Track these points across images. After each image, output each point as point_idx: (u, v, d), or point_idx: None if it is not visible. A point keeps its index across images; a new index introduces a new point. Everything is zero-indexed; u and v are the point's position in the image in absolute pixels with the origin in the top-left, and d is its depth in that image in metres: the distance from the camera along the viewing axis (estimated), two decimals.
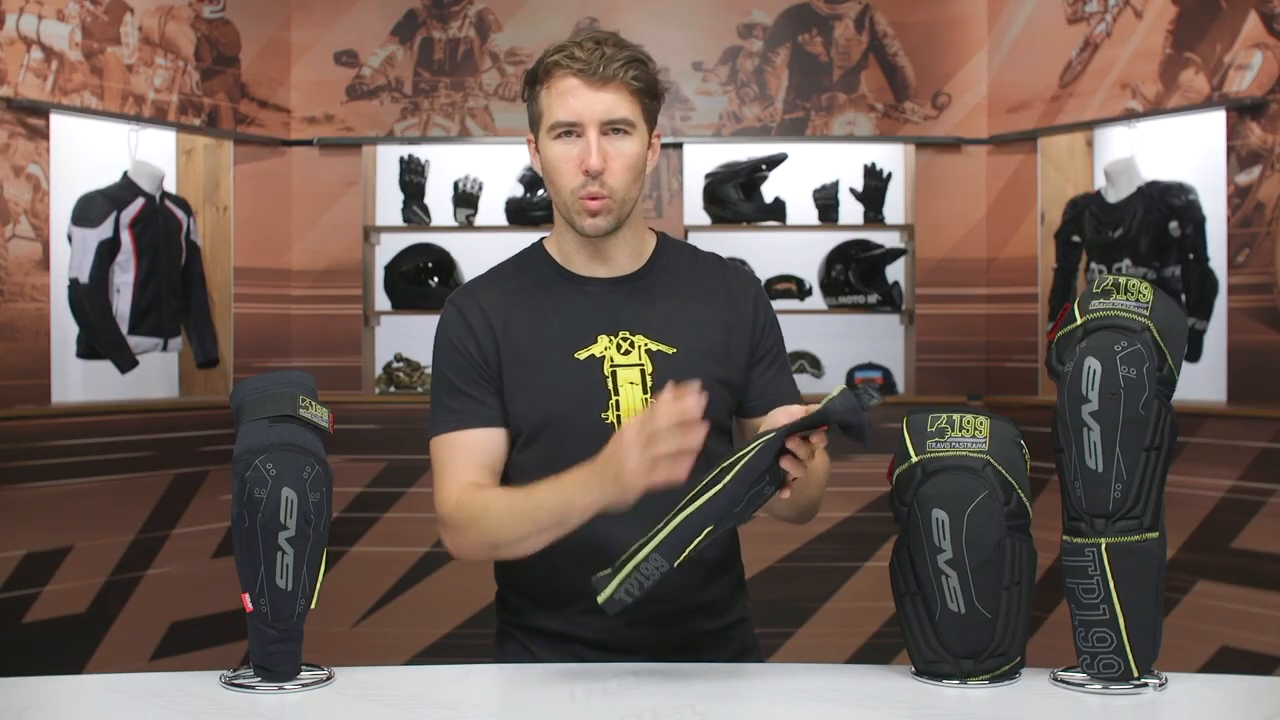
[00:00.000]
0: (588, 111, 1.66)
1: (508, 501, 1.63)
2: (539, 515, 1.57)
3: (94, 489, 4.05)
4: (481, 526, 1.64)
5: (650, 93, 1.71)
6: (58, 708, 1.52)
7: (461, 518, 1.66)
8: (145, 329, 4.11)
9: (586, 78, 1.65)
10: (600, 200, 1.68)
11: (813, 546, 4.50)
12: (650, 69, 1.71)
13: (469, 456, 1.71)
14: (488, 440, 1.72)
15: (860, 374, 4.66)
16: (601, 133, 1.67)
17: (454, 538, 1.69)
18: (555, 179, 1.71)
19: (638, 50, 1.70)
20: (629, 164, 1.68)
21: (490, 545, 1.65)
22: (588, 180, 1.67)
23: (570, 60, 1.66)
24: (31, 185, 3.90)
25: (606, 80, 1.65)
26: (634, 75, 1.67)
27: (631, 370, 1.71)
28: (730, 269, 1.86)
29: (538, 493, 1.58)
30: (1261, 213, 3.83)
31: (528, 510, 1.59)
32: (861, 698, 1.51)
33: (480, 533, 1.65)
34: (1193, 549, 3.90)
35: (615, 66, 1.65)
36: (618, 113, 1.67)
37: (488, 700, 1.56)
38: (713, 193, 4.62)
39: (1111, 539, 1.51)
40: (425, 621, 4.53)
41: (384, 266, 4.70)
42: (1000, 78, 4.64)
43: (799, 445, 1.47)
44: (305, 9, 4.70)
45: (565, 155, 1.68)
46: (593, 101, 1.66)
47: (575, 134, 1.67)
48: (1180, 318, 1.58)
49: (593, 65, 1.65)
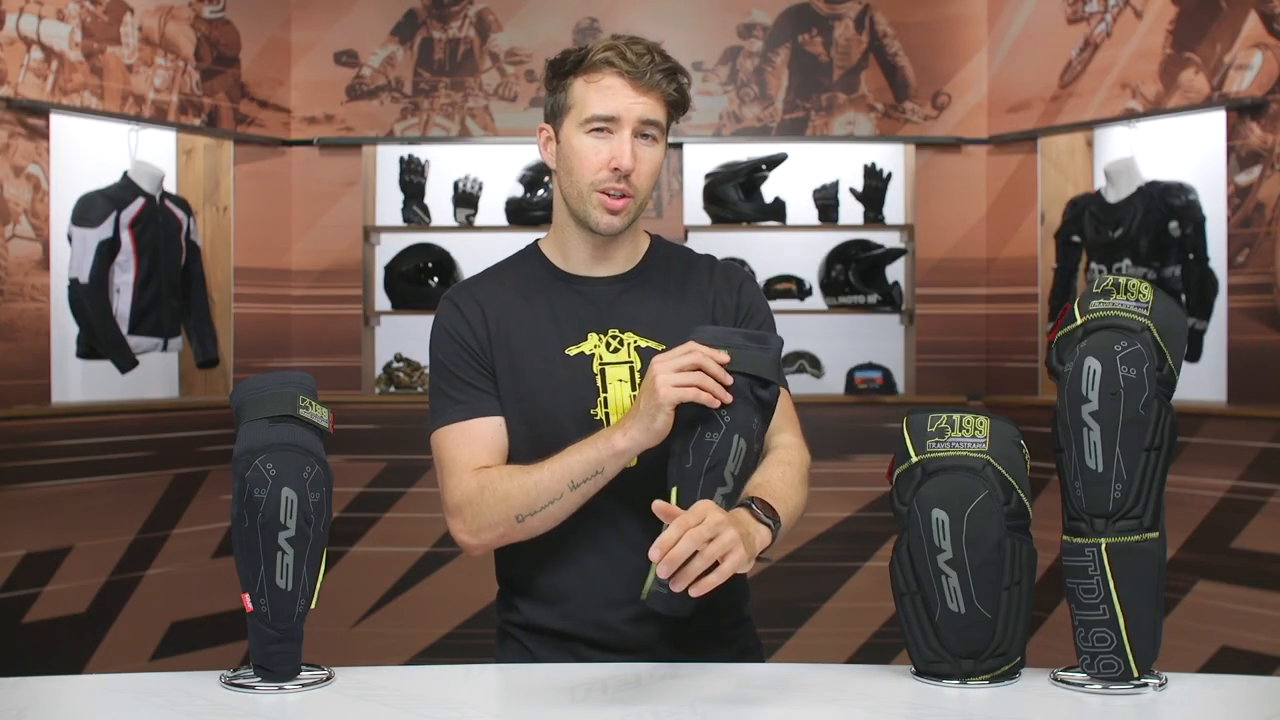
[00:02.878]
0: (627, 111, 1.69)
1: (533, 468, 1.64)
2: (570, 470, 1.60)
3: (94, 489, 4.05)
4: (508, 499, 1.64)
5: (680, 107, 1.76)
6: (57, 708, 1.52)
7: (483, 497, 1.66)
8: (145, 329, 4.11)
9: (633, 79, 1.69)
10: (624, 200, 1.71)
11: (813, 546, 4.50)
12: (686, 84, 1.75)
13: (479, 444, 1.71)
14: (495, 429, 1.73)
15: (860, 374, 4.66)
16: (634, 134, 1.70)
17: (470, 521, 1.68)
18: (577, 169, 1.72)
19: (678, 64, 1.74)
20: (653, 169, 1.73)
21: (517, 518, 1.64)
22: (614, 177, 1.69)
23: (620, 59, 1.69)
24: (31, 185, 3.90)
25: (650, 86, 1.69)
26: (675, 89, 1.72)
27: (620, 368, 1.73)
28: (720, 266, 1.88)
29: (568, 451, 1.62)
30: (1261, 213, 3.83)
31: (558, 470, 1.61)
32: (861, 698, 1.51)
33: (507, 507, 1.64)
34: (1193, 549, 3.90)
35: (659, 76, 1.70)
36: (653, 116, 1.71)
37: (488, 700, 1.56)
38: (713, 193, 4.62)
39: (1111, 539, 1.51)
40: (425, 621, 4.53)
41: (384, 266, 4.70)
42: (1000, 78, 4.64)
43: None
44: (305, 9, 4.70)
45: (595, 148, 1.70)
46: (633, 102, 1.69)
47: (609, 130, 1.70)
48: (1180, 318, 1.58)
49: (640, 69, 1.68)
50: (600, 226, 1.72)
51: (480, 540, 1.69)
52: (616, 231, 1.73)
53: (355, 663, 1.67)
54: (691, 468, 1.53)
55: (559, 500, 1.62)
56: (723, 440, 1.52)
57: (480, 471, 1.68)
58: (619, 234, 1.75)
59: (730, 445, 1.52)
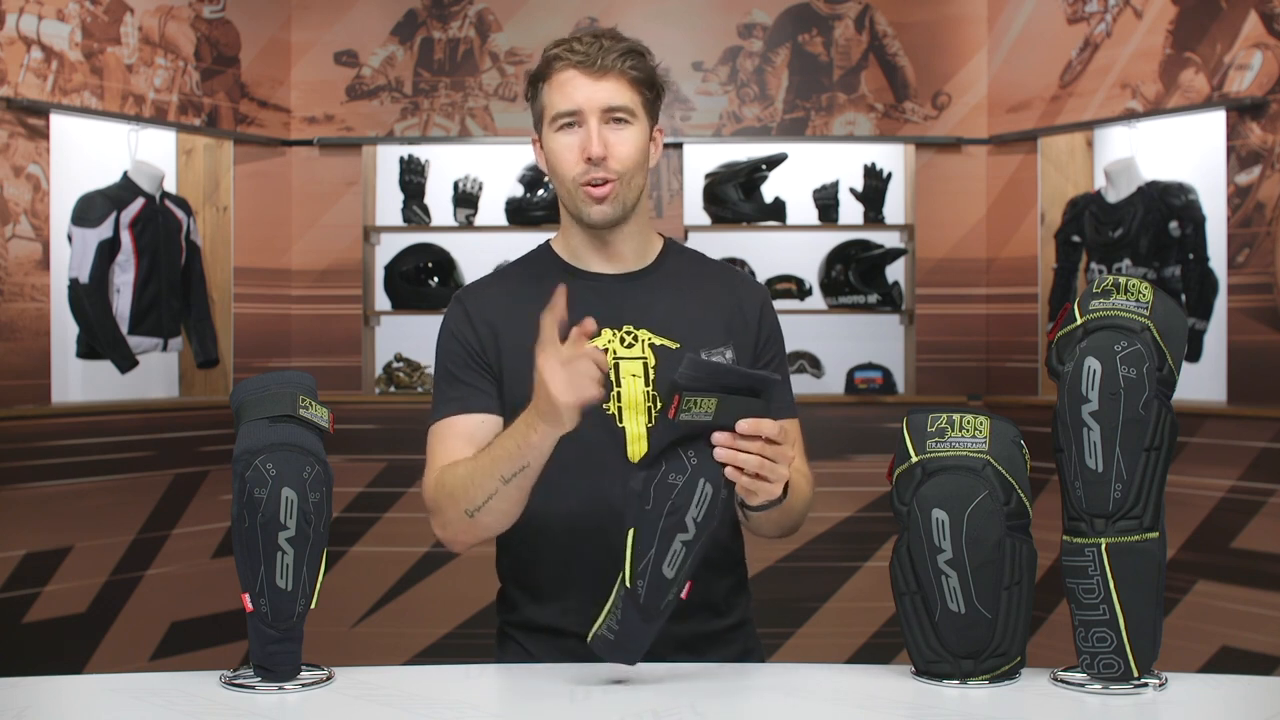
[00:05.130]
0: (587, 101, 1.68)
1: (470, 463, 1.63)
2: (498, 465, 1.57)
3: (94, 489, 4.06)
4: (454, 495, 1.63)
5: (649, 84, 1.73)
6: (57, 708, 1.52)
7: (440, 495, 1.66)
8: (145, 329, 4.11)
9: (585, 69, 1.68)
10: (606, 185, 1.69)
11: (813, 546, 4.50)
12: (648, 60, 1.73)
13: (457, 438, 1.71)
14: (479, 424, 1.72)
15: (860, 374, 4.66)
16: (602, 121, 1.69)
17: (438, 519, 1.68)
18: (558, 169, 1.72)
19: (635, 43, 1.73)
20: (631, 150, 1.70)
21: (466, 514, 1.62)
22: (590, 168, 1.69)
23: (569, 53, 1.69)
24: (31, 185, 3.90)
25: (605, 70, 1.68)
26: (631, 65, 1.70)
27: (634, 363, 1.72)
28: (739, 276, 1.88)
29: (493, 445, 1.60)
30: (1261, 213, 3.83)
31: (487, 465, 1.59)
32: (861, 698, 1.50)
33: (455, 503, 1.63)
34: (1193, 549, 3.90)
35: (613, 57, 1.68)
36: (617, 100, 1.69)
37: (488, 700, 1.56)
38: (713, 193, 4.62)
39: (1111, 539, 1.51)
40: (425, 621, 4.53)
41: (384, 266, 4.70)
42: (1000, 78, 4.64)
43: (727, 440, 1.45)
44: (305, 9, 4.70)
45: (567, 144, 1.70)
46: (592, 91, 1.68)
47: (576, 124, 1.70)
48: (1180, 318, 1.58)
49: (591, 56, 1.68)
50: (593, 218, 1.72)
51: (451, 536, 1.68)
52: (609, 220, 1.72)
53: (355, 663, 1.67)
54: (652, 510, 1.46)
55: (495, 496, 1.58)
56: (687, 483, 1.45)
57: (444, 467, 1.68)
58: (617, 223, 1.74)
59: (695, 489, 1.45)
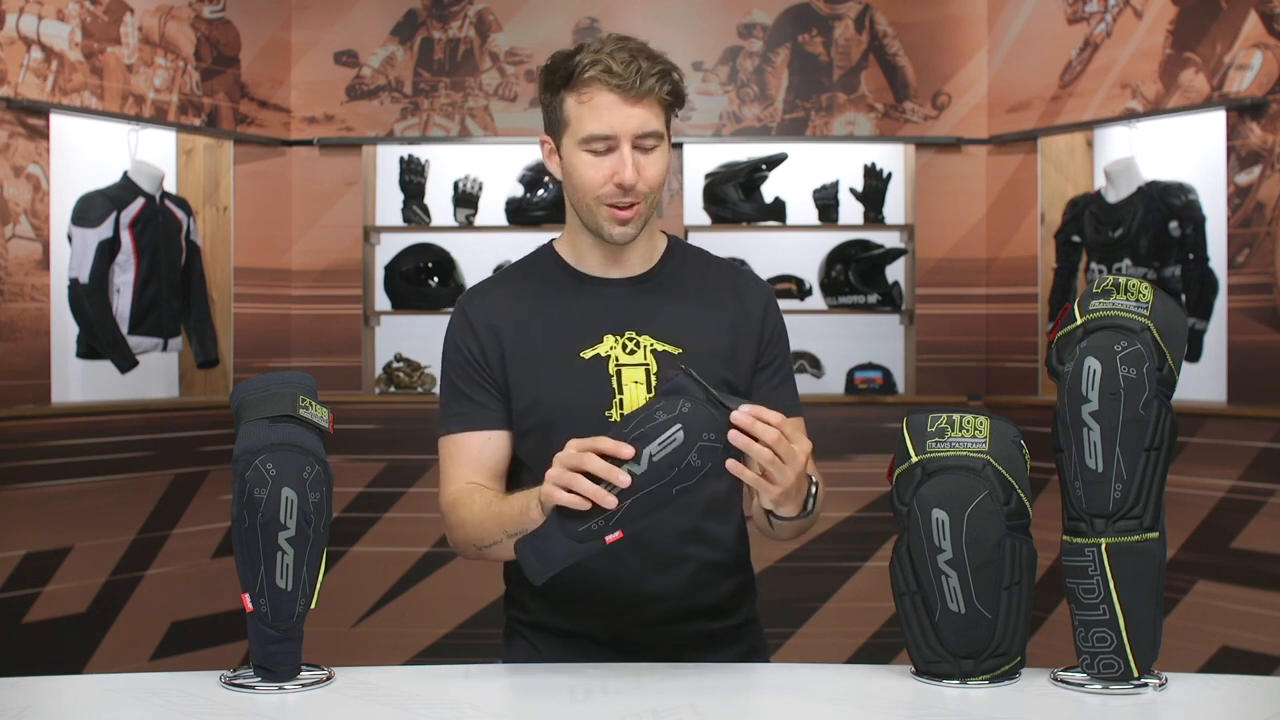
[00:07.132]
0: (623, 127, 1.65)
1: (484, 506, 1.67)
2: (504, 521, 1.61)
3: (94, 489, 4.05)
4: (466, 528, 1.69)
5: (678, 102, 1.72)
6: (57, 708, 1.52)
7: (453, 519, 1.73)
8: (145, 329, 4.11)
9: (624, 93, 1.64)
10: (633, 209, 1.69)
11: (813, 546, 4.50)
12: (679, 80, 1.71)
13: (468, 458, 1.75)
14: (486, 442, 1.76)
15: (860, 374, 4.66)
16: (634, 146, 1.67)
17: (451, 537, 1.75)
18: (581, 184, 1.70)
19: (667, 61, 1.70)
20: (659, 171, 1.70)
21: (475, 547, 1.69)
22: (619, 192, 1.67)
23: (607, 75, 1.64)
24: (31, 185, 3.90)
25: (642, 95, 1.65)
26: (668, 90, 1.68)
27: (636, 370, 1.72)
28: (743, 275, 1.87)
29: (507, 500, 1.63)
30: (1261, 213, 3.83)
31: (496, 515, 1.63)
32: (861, 698, 1.51)
33: (465, 534, 1.70)
34: (1193, 549, 3.90)
35: (651, 81, 1.65)
36: (650, 126, 1.67)
37: (488, 700, 1.56)
38: (713, 193, 4.62)
39: (1111, 539, 1.51)
40: (425, 621, 4.53)
41: (384, 266, 4.70)
42: (1000, 78, 4.64)
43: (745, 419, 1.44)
44: (305, 9, 4.70)
45: (596, 165, 1.68)
46: (627, 117, 1.65)
47: (609, 148, 1.67)
48: (1180, 318, 1.58)
49: (629, 81, 1.64)
50: (614, 237, 1.72)
51: (462, 554, 1.75)
52: (630, 239, 1.73)
53: (355, 663, 1.67)
54: (623, 428, 1.45)
55: (499, 545, 1.63)
56: (665, 422, 1.42)
57: (459, 492, 1.72)
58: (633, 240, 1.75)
59: (666, 429, 1.42)
